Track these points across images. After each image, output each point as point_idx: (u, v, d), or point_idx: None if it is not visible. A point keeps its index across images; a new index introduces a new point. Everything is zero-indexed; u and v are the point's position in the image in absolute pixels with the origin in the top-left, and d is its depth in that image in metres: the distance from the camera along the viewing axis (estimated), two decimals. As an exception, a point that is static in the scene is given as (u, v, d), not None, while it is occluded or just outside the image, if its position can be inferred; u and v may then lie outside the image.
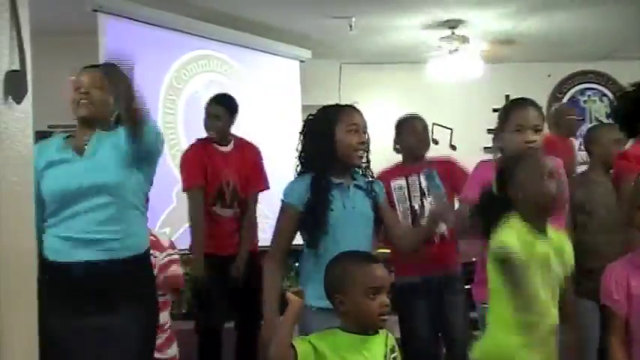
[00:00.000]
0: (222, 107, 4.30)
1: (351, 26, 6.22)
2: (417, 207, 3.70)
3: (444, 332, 3.75)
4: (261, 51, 6.54)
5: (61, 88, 6.24)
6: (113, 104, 2.65)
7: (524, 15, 6.29)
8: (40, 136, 6.02)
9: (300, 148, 2.91)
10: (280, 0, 5.77)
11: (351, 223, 2.80)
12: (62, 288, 2.51)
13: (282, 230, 2.86)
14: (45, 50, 3.68)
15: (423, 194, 3.70)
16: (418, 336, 3.65)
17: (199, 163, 4.19)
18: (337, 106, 2.99)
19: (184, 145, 5.19)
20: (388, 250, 4.01)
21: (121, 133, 2.58)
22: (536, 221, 2.31)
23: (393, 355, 2.19)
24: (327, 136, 2.80)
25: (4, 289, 1.50)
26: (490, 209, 2.41)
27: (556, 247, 2.34)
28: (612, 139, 3.73)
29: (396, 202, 3.69)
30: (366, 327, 2.14)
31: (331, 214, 2.76)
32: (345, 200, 2.81)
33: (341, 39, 6.72)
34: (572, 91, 8.38)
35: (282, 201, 2.87)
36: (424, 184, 3.68)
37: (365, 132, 2.87)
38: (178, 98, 5.78)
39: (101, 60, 4.92)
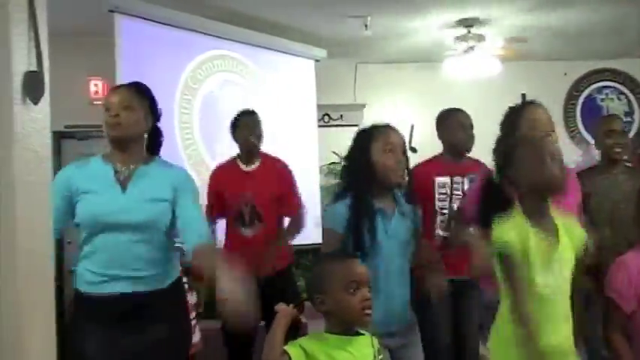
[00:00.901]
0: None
1: (366, 26, 6.21)
2: (454, 207, 3.68)
3: (457, 333, 3.72)
4: (277, 50, 6.55)
5: (77, 89, 6.31)
6: (144, 121, 2.65)
7: (539, 12, 6.26)
8: (59, 136, 6.11)
9: (342, 170, 2.97)
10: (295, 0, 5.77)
11: (389, 250, 2.79)
12: (96, 316, 2.54)
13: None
14: (62, 51, 3.70)
15: (465, 197, 3.68)
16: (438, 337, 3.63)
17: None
18: (373, 126, 2.95)
19: (200, 145, 5.20)
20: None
21: (171, 173, 2.63)
22: (539, 205, 2.28)
23: (380, 357, 2.18)
24: (364, 157, 2.80)
25: (22, 290, 1.50)
26: (490, 198, 2.39)
27: (564, 229, 2.30)
28: (605, 130, 3.74)
29: (436, 199, 3.67)
30: (350, 324, 2.13)
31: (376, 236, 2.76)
32: (388, 227, 2.81)
33: (356, 39, 6.70)
34: (589, 89, 8.32)
35: (324, 227, 2.90)
36: (467, 187, 3.66)
37: (403, 152, 2.85)
38: (194, 98, 5.79)
39: (117, 60, 4.98)
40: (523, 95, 7.71)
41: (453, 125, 3.80)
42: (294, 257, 4.35)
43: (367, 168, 2.79)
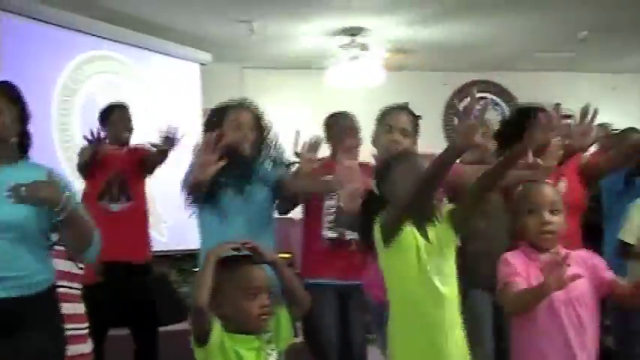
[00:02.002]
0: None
1: (252, 30, 6.20)
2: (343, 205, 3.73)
3: (344, 336, 3.75)
4: (161, 53, 6.44)
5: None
6: (11, 125, 2.52)
7: (421, 24, 6.44)
8: None
9: None
10: (181, 2, 5.69)
11: (243, 219, 2.91)
12: None
13: None
14: None
15: None
16: (327, 338, 3.64)
17: None
18: (226, 104, 3.10)
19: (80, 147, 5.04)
20: (289, 255, 4.01)
21: (38, 174, 2.47)
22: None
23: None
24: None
25: None
26: (369, 209, 2.42)
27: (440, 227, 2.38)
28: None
29: (324, 199, 3.70)
30: (246, 329, 2.10)
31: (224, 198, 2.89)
32: (237, 197, 2.95)
33: (242, 43, 6.69)
34: (467, 100, 8.61)
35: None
36: None
37: (252, 128, 3.01)
38: (74, 99, 5.61)
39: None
40: (406, 104, 7.88)
41: (340, 129, 3.84)
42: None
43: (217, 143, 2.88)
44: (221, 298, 2.08)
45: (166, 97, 6.39)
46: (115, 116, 4.22)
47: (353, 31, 6.56)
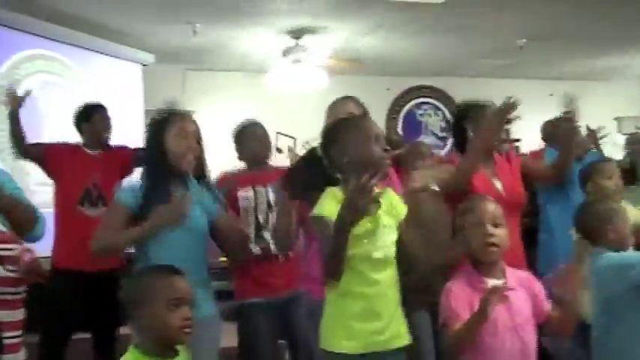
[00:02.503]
0: None
1: (195, 32, 6.16)
2: (261, 220, 3.66)
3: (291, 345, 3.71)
4: (102, 53, 6.33)
5: None
6: None
7: (365, 29, 6.49)
8: None
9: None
10: (122, 1, 5.61)
11: (182, 232, 2.73)
12: None
13: (111, 221, 2.77)
14: None
15: (269, 207, 3.66)
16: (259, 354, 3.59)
17: None
18: (169, 112, 2.89)
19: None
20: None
21: None
22: None
23: None
24: (158, 142, 2.77)
25: None
26: (312, 171, 2.36)
27: (387, 205, 2.31)
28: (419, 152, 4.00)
29: (242, 213, 3.64)
30: (167, 342, 2.03)
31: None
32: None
33: (185, 44, 6.64)
34: (410, 104, 8.74)
35: (114, 199, 2.82)
36: (272, 197, 3.65)
37: (198, 140, 2.83)
38: (11, 98, 5.47)
39: None
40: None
41: (248, 137, 3.83)
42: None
43: (160, 153, 2.77)
44: (142, 309, 2.00)
45: (108, 97, 6.25)
46: (96, 117, 4.15)
47: (296, 35, 6.57)
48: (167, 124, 2.80)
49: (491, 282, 2.35)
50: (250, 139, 3.80)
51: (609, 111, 9.03)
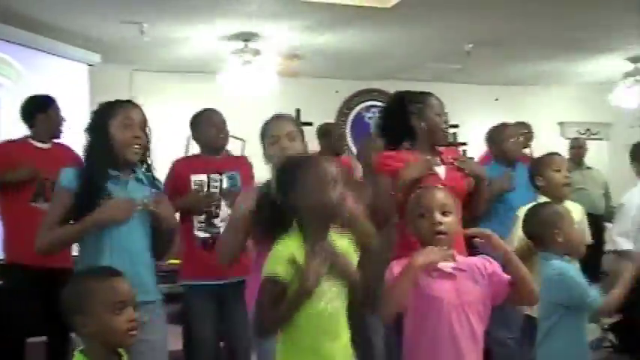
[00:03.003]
0: None
1: (142, 32, 6.08)
2: (213, 207, 3.66)
3: (228, 340, 3.73)
4: (47, 52, 6.20)
5: None
6: None
7: (315, 32, 6.50)
8: None
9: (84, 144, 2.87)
10: (69, 0, 5.50)
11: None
12: None
13: (54, 216, 2.76)
14: None
15: (223, 195, 3.67)
16: (200, 337, 3.61)
17: None
18: (115, 101, 2.91)
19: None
20: (178, 261, 3.95)
21: None
22: (319, 230, 2.22)
23: None
24: (102, 130, 2.77)
25: None
26: (269, 216, 2.29)
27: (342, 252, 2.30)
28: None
29: None
30: (114, 346, 2.01)
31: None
32: (122, 193, 2.77)
33: (132, 45, 6.56)
34: (359, 107, 8.79)
35: (57, 184, 2.82)
36: (225, 184, 3.66)
37: (143, 129, 2.82)
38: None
39: None
40: (297, 110, 7.95)
41: (205, 123, 3.84)
42: None
43: (105, 142, 2.76)
44: (85, 315, 1.97)
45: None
46: (53, 108, 4.08)
47: (246, 37, 6.54)
48: (112, 112, 2.80)
49: (442, 264, 2.38)
50: (207, 124, 3.82)
51: (553, 116, 9.22)
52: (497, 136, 4.55)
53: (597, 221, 5.65)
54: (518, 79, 8.78)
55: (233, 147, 7.23)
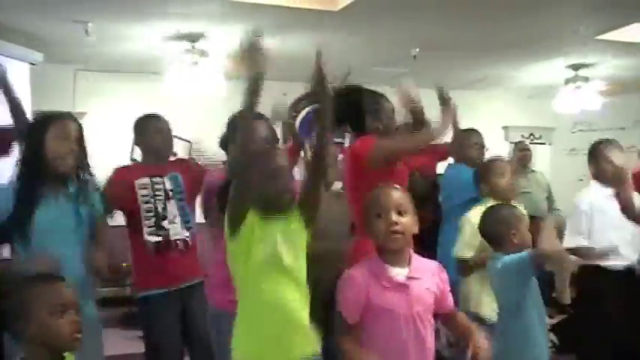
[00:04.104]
0: None
1: (87, 31, 5.97)
2: (160, 209, 3.62)
3: (190, 342, 3.69)
4: (-14, 50, 6.05)
5: None
6: None
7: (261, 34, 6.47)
8: None
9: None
10: (9, -4, 5.38)
11: (57, 232, 2.77)
12: None
13: None
14: None
15: (167, 197, 3.63)
16: (165, 348, 3.56)
17: None
18: (50, 114, 2.94)
19: None
20: (127, 264, 3.90)
21: None
22: (267, 212, 2.39)
23: None
24: (37, 144, 2.79)
25: None
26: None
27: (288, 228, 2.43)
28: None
29: (140, 202, 3.58)
30: (58, 350, 1.99)
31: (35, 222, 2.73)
32: (52, 210, 2.79)
33: (76, 44, 6.44)
34: (307, 109, 8.78)
35: None
36: (168, 186, 3.63)
37: (79, 142, 2.87)
38: None
39: None
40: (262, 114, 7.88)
41: (151, 130, 3.80)
42: None
43: (39, 153, 2.78)
44: (28, 320, 1.94)
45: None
46: None
47: (193, 38, 6.48)
48: (48, 125, 2.82)
49: (396, 270, 2.39)
50: (155, 132, 3.77)
51: (498, 120, 9.38)
52: (462, 141, 4.61)
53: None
54: (465, 83, 8.89)
55: (180, 149, 7.18)
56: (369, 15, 5.85)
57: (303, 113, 8.79)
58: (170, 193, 3.61)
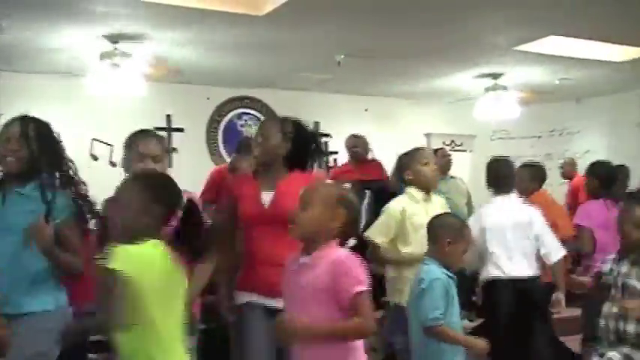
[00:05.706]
0: None
1: (1, 30, 5.77)
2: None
3: None
4: None
5: None
6: None
7: (185, 38, 6.39)
8: None
9: None
10: None
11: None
12: None
13: None
14: None
15: None
16: None
17: None
18: None
19: None
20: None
21: None
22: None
23: None
24: None
25: None
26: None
27: None
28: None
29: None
30: None
31: None
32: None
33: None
34: (231, 114, 8.70)
35: None
36: None
37: (27, 142, 2.95)
38: None
39: None
40: (168, 116, 7.84)
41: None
42: None
43: None
44: None
45: None
46: None
47: (114, 39, 6.33)
48: None
49: (301, 260, 2.42)
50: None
51: (420, 127, 9.51)
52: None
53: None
54: (388, 90, 8.95)
55: (101, 152, 7.07)
56: (294, 20, 5.83)
57: (227, 119, 8.77)
58: None
